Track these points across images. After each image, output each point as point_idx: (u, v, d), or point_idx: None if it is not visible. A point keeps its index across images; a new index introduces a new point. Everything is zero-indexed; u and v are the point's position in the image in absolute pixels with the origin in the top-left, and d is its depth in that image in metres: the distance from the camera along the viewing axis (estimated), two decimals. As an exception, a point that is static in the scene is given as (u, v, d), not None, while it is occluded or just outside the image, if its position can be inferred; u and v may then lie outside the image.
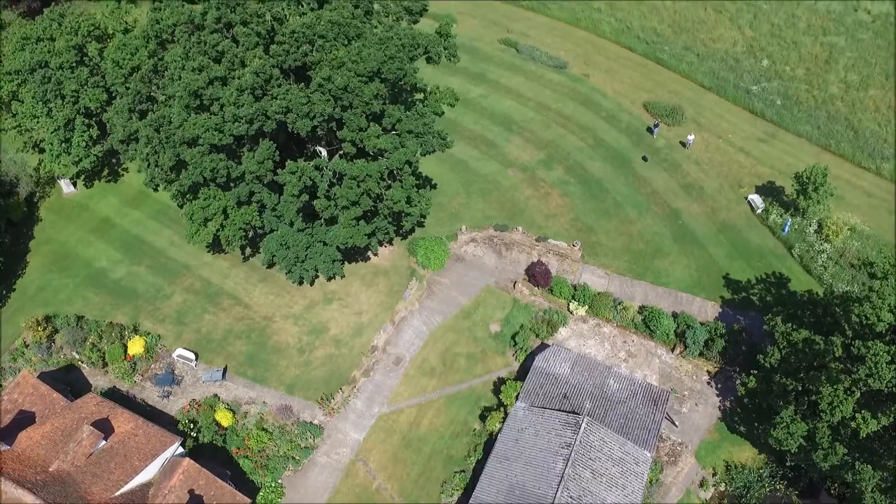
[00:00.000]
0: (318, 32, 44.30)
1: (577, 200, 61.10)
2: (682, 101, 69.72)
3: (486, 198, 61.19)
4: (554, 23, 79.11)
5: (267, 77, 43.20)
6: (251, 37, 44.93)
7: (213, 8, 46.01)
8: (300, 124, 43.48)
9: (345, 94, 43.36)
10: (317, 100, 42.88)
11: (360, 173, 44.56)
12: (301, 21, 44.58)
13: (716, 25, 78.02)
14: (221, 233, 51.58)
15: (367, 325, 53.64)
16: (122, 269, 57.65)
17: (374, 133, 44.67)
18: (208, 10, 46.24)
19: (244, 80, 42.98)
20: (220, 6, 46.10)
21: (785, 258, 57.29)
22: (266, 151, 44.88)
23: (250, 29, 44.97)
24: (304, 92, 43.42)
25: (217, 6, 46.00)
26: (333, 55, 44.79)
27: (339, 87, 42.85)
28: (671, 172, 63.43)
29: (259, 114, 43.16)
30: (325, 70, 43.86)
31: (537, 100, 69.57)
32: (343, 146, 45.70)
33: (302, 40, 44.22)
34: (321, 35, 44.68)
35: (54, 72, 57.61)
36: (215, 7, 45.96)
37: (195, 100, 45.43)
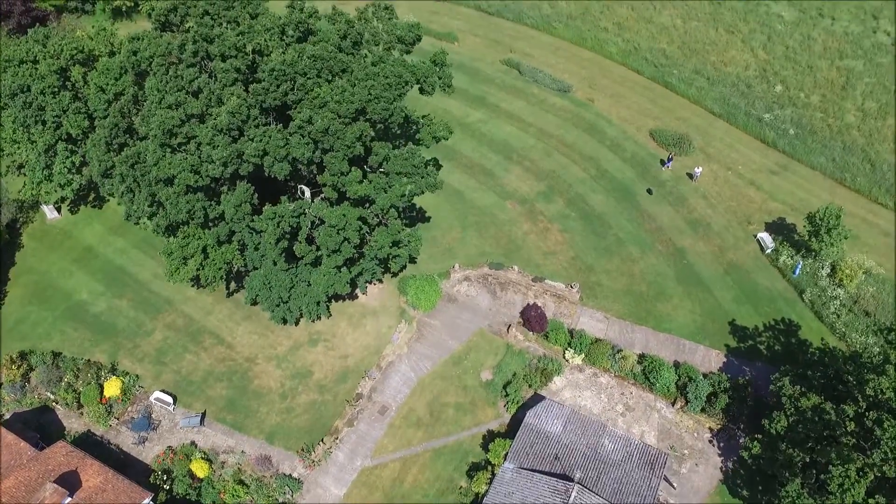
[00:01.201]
0: (298, 70, 41.14)
1: (578, 237, 57.68)
2: (691, 128, 66.01)
3: (482, 232, 57.89)
4: (559, 42, 75.47)
5: (243, 118, 40.11)
6: (229, 73, 41.84)
7: (190, 41, 42.95)
8: (277, 168, 40.41)
9: (325, 136, 40.21)
10: (295, 143, 39.74)
11: (338, 223, 41.42)
12: (282, 58, 41.41)
13: (727, 47, 74.09)
14: (201, 272, 48.71)
15: (353, 369, 50.62)
16: (103, 303, 54.94)
17: (355, 178, 41.52)
18: (186, 42, 43.21)
19: (220, 120, 39.92)
20: (198, 39, 43.03)
21: (795, 303, 53.68)
22: (242, 195, 41.86)
23: (229, 65, 41.87)
24: (282, 134, 40.30)
25: (194, 39, 42.93)
26: (315, 93, 41.66)
27: (320, 130, 39.69)
28: (677, 207, 59.84)
29: (234, 156, 40.11)
30: (305, 111, 40.73)
31: (539, 126, 66.09)
32: (324, 190, 42.58)
33: (282, 78, 41.08)
34: (302, 73, 41.53)
35: (36, 96, 54.85)
36: (192, 40, 42.90)
37: (170, 138, 42.51)
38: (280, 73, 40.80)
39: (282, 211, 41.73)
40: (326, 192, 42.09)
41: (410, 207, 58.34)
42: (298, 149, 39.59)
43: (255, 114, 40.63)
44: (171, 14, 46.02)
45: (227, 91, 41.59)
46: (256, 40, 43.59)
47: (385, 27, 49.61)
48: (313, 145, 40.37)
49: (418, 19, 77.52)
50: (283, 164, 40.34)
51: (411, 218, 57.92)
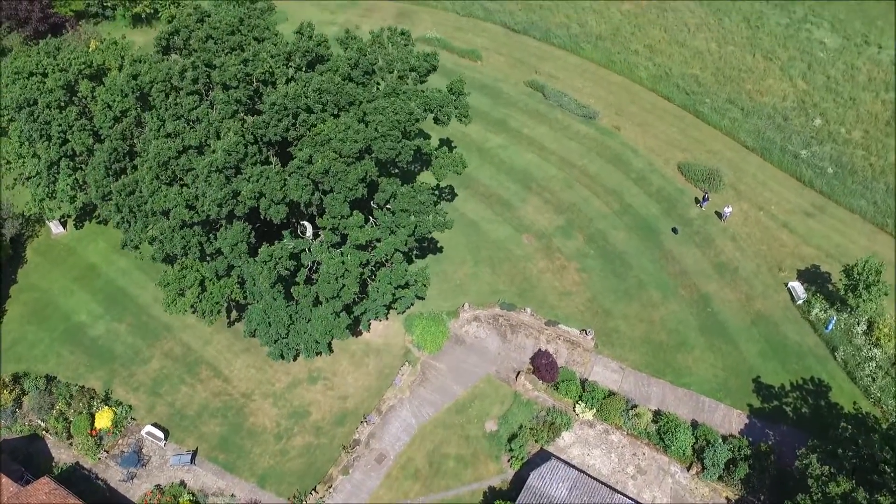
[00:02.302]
0: (300, 105, 38.04)
1: (596, 277, 53.96)
2: (722, 163, 61.71)
3: (496, 268, 54.45)
4: (586, 64, 71.41)
5: (240, 157, 37.15)
6: (229, 105, 38.88)
7: (190, 68, 40.10)
8: (273, 211, 37.45)
9: (325, 178, 37.11)
10: (293, 184, 36.70)
11: (337, 271, 38.31)
12: (284, 91, 38.34)
13: (764, 75, 69.45)
14: (198, 305, 46.08)
15: (352, 412, 47.65)
16: (102, 326, 52.67)
17: (356, 223, 38.36)
18: (186, 69, 40.37)
19: (215, 157, 37.01)
20: (198, 65, 40.16)
21: (826, 361, 49.47)
22: (238, 234, 38.94)
23: (229, 96, 38.94)
24: (280, 175, 37.27)
25: (194, 65, 40.07)
26: (318, 129, 38.55)
27: (319, 171, 36.59)
28: (703, 249, 55.77)
29: (229, 197, 37.19)
30: (306, 149, 37.66)
31: (561, 154, 62.32)
32: (323, 234, 39.53)
33: (283, 113, 38.04)
34: (305, 108, 38.44)
35: (42, 110, 52.60)
36: (192, 67, 40.03)
37: (166, 170, 39.79)
38: (281, 107, 37.79)
39: (278, 253, 38.74)
40: (325, 236, 39.01)
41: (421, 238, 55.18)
42: (296, 191, 36.57)
43: (252, 151, 37.66)
44: (174, 37, 43.22)
45: (226, 124, 38.68)
46: (260, 69, 40.56)
47: (399, 53, 46.36)
48: (312, 187, 37.32)
49: (442, 34, 74.60)
50: (280, 207, 37.35)
51: (422, 249, 54.74)
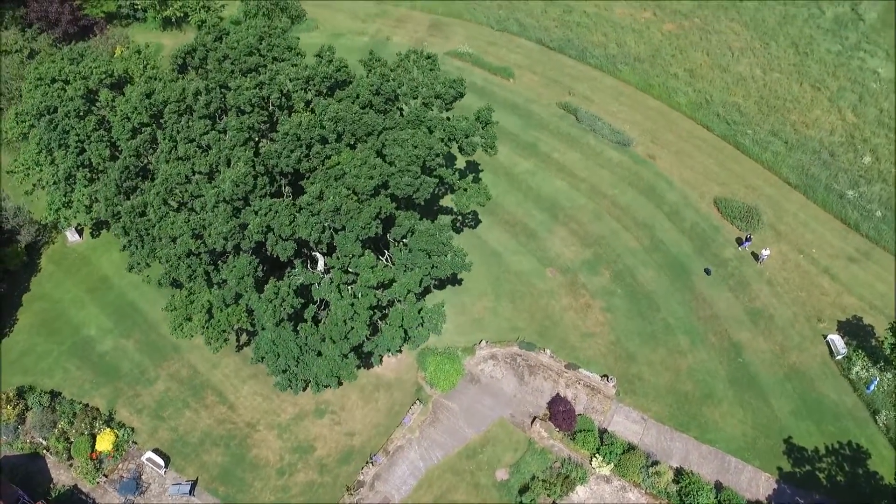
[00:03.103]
0: (314, 136, 35.64)
1: (621, 318, 50.83)
2: (761, 200, 57.97)
3: (517, 303, 51.61)
4: (622, 86, 67.98)
5: (249, 188, 34.88)
6: (242, 132, 36.63)
7: (203, 91, 37.95)
8: (280, 248, 35.15)
9: (336, 216, 34.67)
10: (302, 221, 34.32)
11: (345, 314, 35.88)
12: (297, 120, 35.95)
13: (811, 106, 65.31)
14: (205, 332, 44.10)
15: (359, 450, 45.30)
16: (110, 341, 51.09)
17: (367, 263, 35.87)
18: (200, 92, 38.24)
19: (223, 188, 34.80)
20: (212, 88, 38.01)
21: (867, 424, 45.78)
22: (245, 267, 36.72)
23: (241, 122, 36.67)
24: (290, 210, 34.92)
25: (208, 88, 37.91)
26: (332, 162, 36.12)
27: (330, 210, 34.16)
28: (737, 293, 52.23)
29: (235, 231, 34.99)
30: (318, 183, 35.26)
31: (592, 182, 59.14)
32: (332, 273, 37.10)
33: (295, 144, 35.68)
34: (320, 139, 36.03)
35: (61, 119, 51.14)
36: (206, 90, 37.88)
37: (173, 195, 37.79)
38: (294, 137, 35.43)
39: (285, 291, 36.45)
40: (335, 275, 36.58)
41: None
42: (305, 229, 34.19)
43: (262, 182, 35.36)
44: (189, 56, 41.13)
45: (237, 151, 36.43)
46: (276, 94, 38.23)
47: (425, 79, 43.71)
48: (323, 224, 34.90)
49: (474, 49, 71.75)
50: (288, 244, 35.05)
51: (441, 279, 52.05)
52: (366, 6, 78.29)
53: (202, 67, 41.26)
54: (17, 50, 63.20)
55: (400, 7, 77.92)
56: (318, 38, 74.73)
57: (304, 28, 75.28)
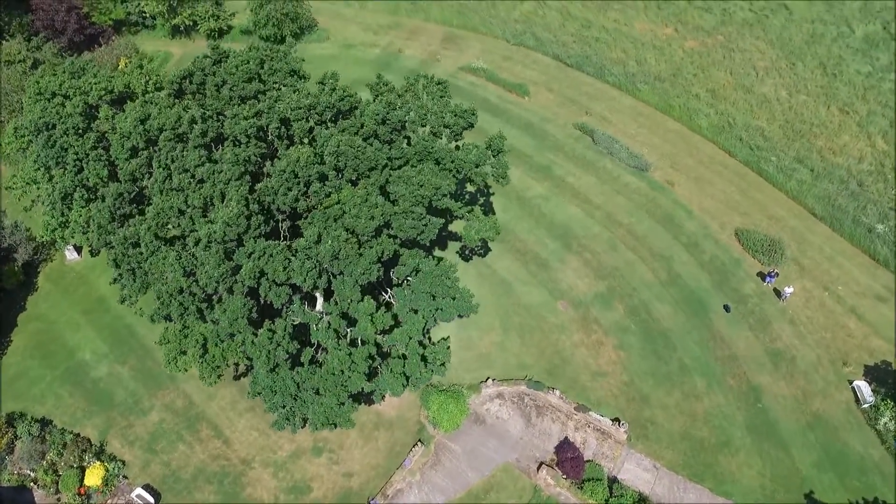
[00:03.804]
0: (313, 175, 33.30)
1: (635, 357, 48.19)
2: (785, 232, 54.98)
3: (525, 338, 49.10)
4: (641, 107, 65.08)
5: (242, 229, 32.62)
6: (237, 165, 34.37)
7: (199, 119, 35.73)
8: (274, 294, 32.88)
9: (335, 261, 32.34)
10: (297, 266, 32.01)
11: (342, 364, 33.57)
12: (296, 156, 33.61)
13: (839, 131, 62.10)
14: (199, 367, 42.03)
15: (356, 492, 43.06)
16: (105, 367, 49.22)
17: (367, 310, 33.49)
18: (196, 120, 36.01)
19: (214, 229, 32.58)
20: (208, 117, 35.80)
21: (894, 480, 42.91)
22: (238, 310, 34.50)
23: (237, 155, 34.39)
24: (284, 253, 32.62)
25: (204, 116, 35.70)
26: (332, 200, 33.78)
27: (328, 255, 31.83)
28: (757, 332, 49.39)
29: (227, 275, 32.77)
30: (315, 224, 32.94)
31: (607, 210, 56.40)
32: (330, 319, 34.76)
33: (292, 181, 33.37)
34: (319, 176, 33.69)
35: (59, 136, 49.25)
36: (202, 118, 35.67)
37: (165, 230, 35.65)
38: (290, 174, 33.12)
39: (280, 335, 34.19)
40: (333, 321, 34.25)
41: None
42: (300, 274, 31.88)
43: (256, 222, 33.07)
44: (185, 81, 38.90)
45: (232, 186, 34.18)
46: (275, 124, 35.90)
47: (434, 106, 41.25)
48: (320, 269, 32.58)
49: (489, 64, 69.12)
50: (282, 290, 32.78)
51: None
52: (379, 17, 75.86)
53: (199, 92, 39.02)
54: (21, 60, 61.44)
55: (413, 19, 75.42)
56: (329, 49, 72.51)
57: (314, 38, 73.02)
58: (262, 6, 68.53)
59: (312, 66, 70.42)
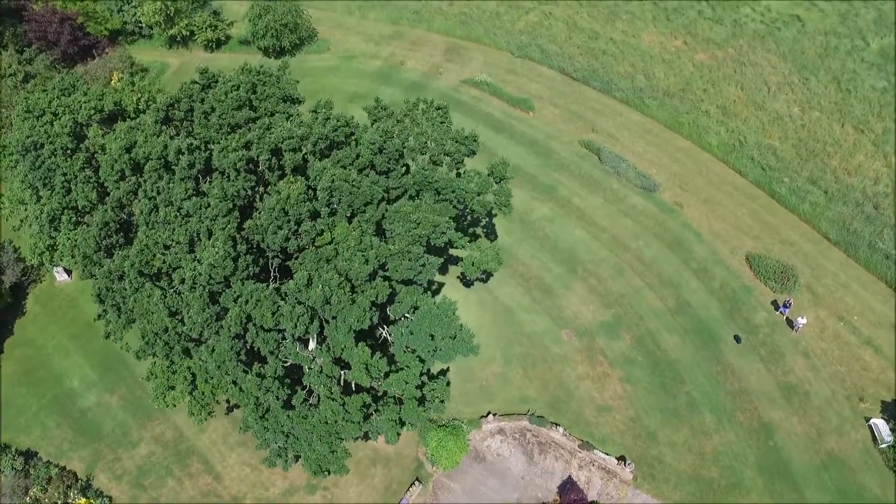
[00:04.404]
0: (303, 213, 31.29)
1: (642, 390, 46.11)
2: (798, 257, 52.75)
3: (528, 370, 47.08)
4: (650, 123, 62.79)
5: (229, 272, 30.63)
6: (225, 201, 32.37)
7: (185, 150, 33.71)
8: (261, 341, 30.87)
9: (326, 307, 30.33)
10: (287, 312, 30.01)
11: (335, 414, 31.59)
12: (286, 192, 31.57)
13: (854, 150, 59.73)
14: (188, 404, 40.23)
15: (350, 534, 41.32)
16: (93, 396, 47.45)
17: (361, 359, 31.44)
18: (182, 151, 33.99)
19: (199, 270, 30.60)
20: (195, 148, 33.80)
21: (911, 526, 40.87)
22: (225, 353, 32.53)
23: (225, 191, 32.36)
24: (273, 297, 30.63)
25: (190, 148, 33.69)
26: (324, 239, 31.76)
27: (319, 300, 29.82)
28: (769, 365, 47.24)
29: (212, 320, 30.81)
30: (306, 265, 30.93)
31: (614, 233, 54.23)
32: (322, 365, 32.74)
33: (282, 220, 31.35)
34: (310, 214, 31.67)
35: (47, 157, 47.36)
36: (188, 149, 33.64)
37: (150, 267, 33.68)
38: (280, 213, 31.09)
39: (269, 381, 32.20)
40: (325, 367, 32.23)
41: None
42: (290, 320, 29.87)
43: (244, 263, 31.07)
44: (172, 109, 36.87)
45: (220, 223, 32.16)
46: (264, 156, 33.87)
47: (434, 133, 39.16)
48: (310, 315, 30.56)
49: (492, 77, 66.88)
50: (271, 336, 30.79)
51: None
52: (380, 27, 73.67)
53: (187, 119, 37.00)
54: (11, 74, 59.52)
55: (416, 29, 73.21)
56: (328, 60, 70.38)
57: (314, 49, 70.92)
58: (261, 17, 66.42)
59: (312, 78, 68.74)
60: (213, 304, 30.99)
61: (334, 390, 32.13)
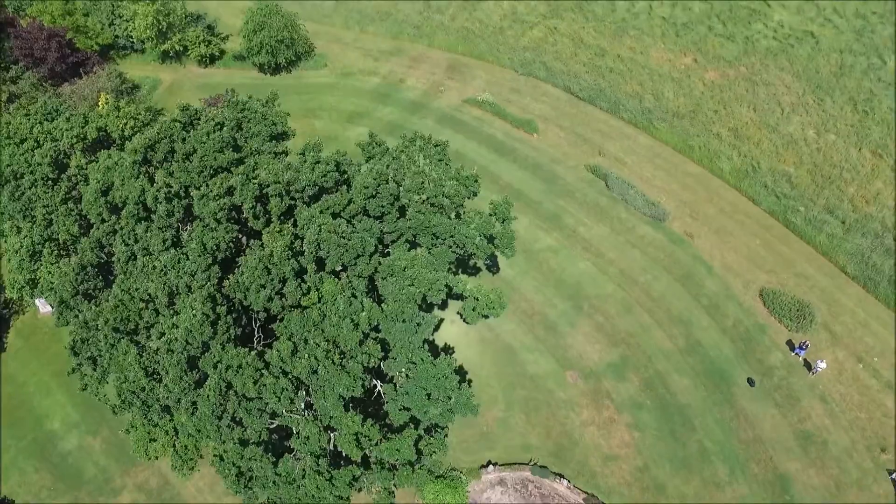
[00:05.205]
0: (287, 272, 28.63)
1: (651, 438, 43.47)
2: (814, 292, 49.97)
3: (531, 415, 44.47)
4: (659, 147, 59.93)
5: (207, 337, 28.03)
6: (205, 256, 29.76)
7: (163, 199, 31.07)
8: (243, 412, 28.26)
9: (312, 378, 27.70)
10: (269, 384, 27.39)
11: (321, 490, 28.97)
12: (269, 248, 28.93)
13: (872, 177, 56.81)
14: (171, 458, 37.71)
15: None
16: (74, 439, 45.01)
17: (351, 429, 28.78)
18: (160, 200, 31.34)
19: (175, 335, 28.00)
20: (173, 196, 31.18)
21: (936, 591, 38.21)
22: (207, 418, 29.94)
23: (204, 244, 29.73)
24: (255, 365, 28.02)
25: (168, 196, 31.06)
26: (311, 299, 29.13)
27: (304, 371, 27.19)
28: (785, 410, 44.54)
29: (189, 389, 28.23)
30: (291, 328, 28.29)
31: (621, 266, 51.49)
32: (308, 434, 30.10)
33: (265, 279, 28.72)
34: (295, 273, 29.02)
35: (27, 188, 44.84)
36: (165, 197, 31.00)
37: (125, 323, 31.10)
38: (263, 271, 28.45)
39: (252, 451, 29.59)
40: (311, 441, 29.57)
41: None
42: (273, 393, 27.25)
43: (224, 326, 28.44)
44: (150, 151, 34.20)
45: (199, 279, 29.55)
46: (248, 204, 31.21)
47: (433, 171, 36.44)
48: (295, 386, 27.94)
49: (495, 97, 64.09)
50: (253, 405, 28.15)
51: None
52: (380, 42, 70.88)
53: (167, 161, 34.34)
54: (-5, 94, 56.99)
55: (417, 44, 70.42)
56: (325, 77, 67.67)
57: (311, 66, 68.19)
58: (256, 33, 63.67)
59: (308, 95, 66.12)
60: (192, 369, 28.43)
61: (321, 462, 29.54)
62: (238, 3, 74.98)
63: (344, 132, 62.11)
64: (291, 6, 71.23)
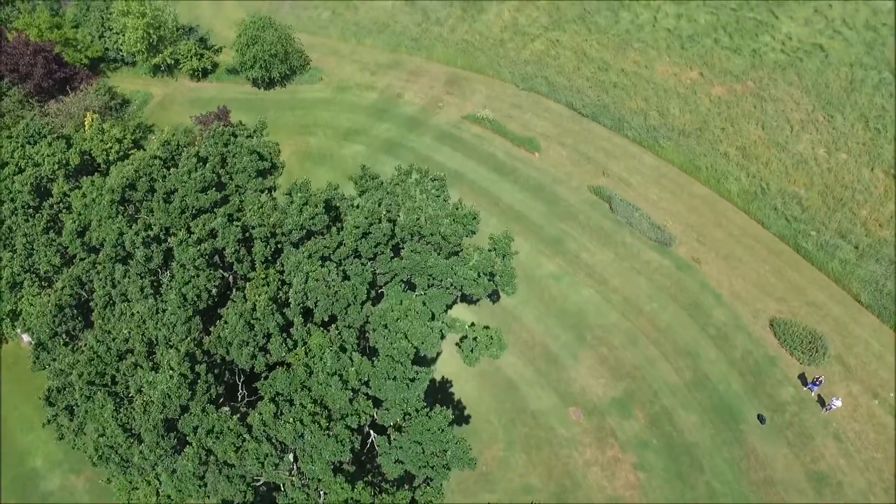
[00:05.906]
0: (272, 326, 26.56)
1: (656, 479, 41.44)
2: (826, 323, 47.84)
3: (532, 455, 42.44)
4: (665, 167, 57.71)
5: (185, 400, 25.99)
6: (185, 308, 27.70)
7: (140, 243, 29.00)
8: (223, 481, 26.26)
9: (298, 442, 25.67)
10: (252, 450, 25.38)
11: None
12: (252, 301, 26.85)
13: (885, 199, 54.58)
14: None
15: None
16: (57, 478, 43.01)
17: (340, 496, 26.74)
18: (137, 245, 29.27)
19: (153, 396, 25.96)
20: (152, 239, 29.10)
21: None
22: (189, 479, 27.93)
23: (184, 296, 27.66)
24: (237, 430, 25.99)
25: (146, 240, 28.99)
26: (297, 355, 27.06)
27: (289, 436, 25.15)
28: (797, 450, 42.49)
29: (166, 455, 26.22)
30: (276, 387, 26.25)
31: (626, 293, 49.39)
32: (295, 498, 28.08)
33: (248, 335, 26.64)
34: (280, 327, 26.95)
35: (7, 217, 42.83)
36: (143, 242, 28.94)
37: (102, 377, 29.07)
38: (246, 326, 26.38)
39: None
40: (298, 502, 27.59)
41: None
42: (256, 459, 25.24)
43: (204, 386, 26.40)
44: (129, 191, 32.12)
45: (178, 332, 27.51)
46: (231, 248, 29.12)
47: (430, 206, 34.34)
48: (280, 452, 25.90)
49: (496, 113, 61.92)
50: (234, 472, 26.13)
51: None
52: (377, 55, 68.65)
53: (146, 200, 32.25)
54: (-23, 113, 54.89)
55: (415, 57, 68.17)
56: (321, 92, 65.51)
57: (306, 79, 66.04)
58: (249, 46, 61.49)
59: (303, 110, 63.97)
60: (170, 431, 26.43)
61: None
62: (231, 14, 72.80)
63: (339, 150, 59.97)
64: (287, 18, 69.12)
